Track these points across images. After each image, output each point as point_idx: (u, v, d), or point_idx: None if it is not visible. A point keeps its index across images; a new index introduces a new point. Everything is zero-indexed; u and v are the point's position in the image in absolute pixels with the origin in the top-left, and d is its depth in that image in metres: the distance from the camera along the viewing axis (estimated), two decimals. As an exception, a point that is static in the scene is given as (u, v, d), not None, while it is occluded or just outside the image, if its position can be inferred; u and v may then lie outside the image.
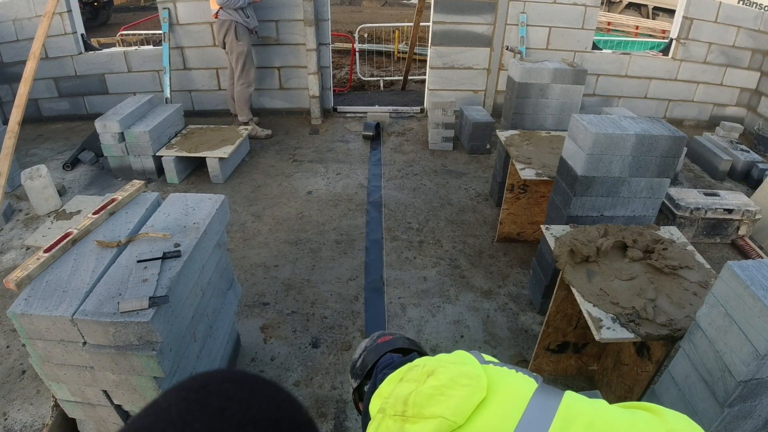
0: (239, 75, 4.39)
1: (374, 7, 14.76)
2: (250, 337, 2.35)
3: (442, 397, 0.80)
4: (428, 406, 0.80)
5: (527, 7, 4.81)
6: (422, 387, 0.83)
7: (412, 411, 0.81)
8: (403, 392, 0.85)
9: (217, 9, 4.14)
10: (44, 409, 1.96)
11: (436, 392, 0.81)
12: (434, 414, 0.78)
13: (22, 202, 3.55)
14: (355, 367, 1.20)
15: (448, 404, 0.79)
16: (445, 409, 0.78)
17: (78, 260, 1.53)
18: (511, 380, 0.86)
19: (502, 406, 0.80)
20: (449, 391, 0.81)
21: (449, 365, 0.87)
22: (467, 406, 0.79)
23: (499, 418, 0.79)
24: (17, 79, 3.39)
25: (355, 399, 1.22)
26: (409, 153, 4.45)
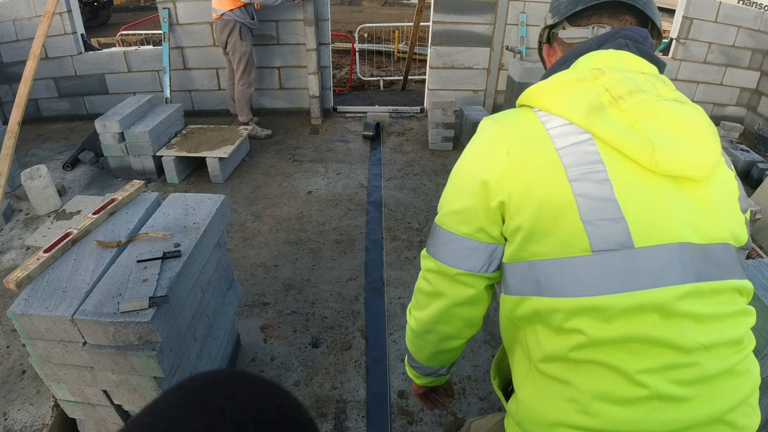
0: (241, 75, 4.38)
1: (374, 7, 14.76)
2: (250, 337, 2.35)
3: (671, 132, 0.76)
4: (650, 121, 0.75)
5: (527, 6, 4.81)
6: (663, 102, 0.76)
7: (629, 107, 0.75)
8: (638, 85, 0.77)
9: (224, 10, 4.11)
10: (44, 409, 1.96)
11: (670, 120, 0.76)
12: (648, 134, 0.75)
13: (22, 202, 3.55)
14: (560, 2, 0.97)
15: (669, 142, 0.75)
16: (662, 142, 0.74)
17: (78, 260, 1.53)
18: (728, 208, 0.82)
19: (699, 212, 0.78)
20: (682, 135, 0.77)
21: (704, 122, 0.80)
22: (680, 165, 0.75)
23: (688, 216, 0.77)
24: (17, 79, 3.39)
25: (543, 37, 1.03)
26: (409, 153, 4.45)
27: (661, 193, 0.72)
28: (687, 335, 0.69)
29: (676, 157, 0.71)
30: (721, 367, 0.70)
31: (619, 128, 0.73)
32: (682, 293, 0.69)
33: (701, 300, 0.70)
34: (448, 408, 1.98)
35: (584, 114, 0.75)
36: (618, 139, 0.72)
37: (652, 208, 0.71)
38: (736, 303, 0.75)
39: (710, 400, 0.70)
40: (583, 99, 0.77)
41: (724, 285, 0.72)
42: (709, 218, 0.73)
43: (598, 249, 0.70)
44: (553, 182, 0.73)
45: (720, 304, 0.72)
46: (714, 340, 0.70)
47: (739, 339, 0.73)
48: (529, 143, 0.78)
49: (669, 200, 0.72)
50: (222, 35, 4.23)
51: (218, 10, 4.15)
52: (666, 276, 0.69)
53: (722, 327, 0.72)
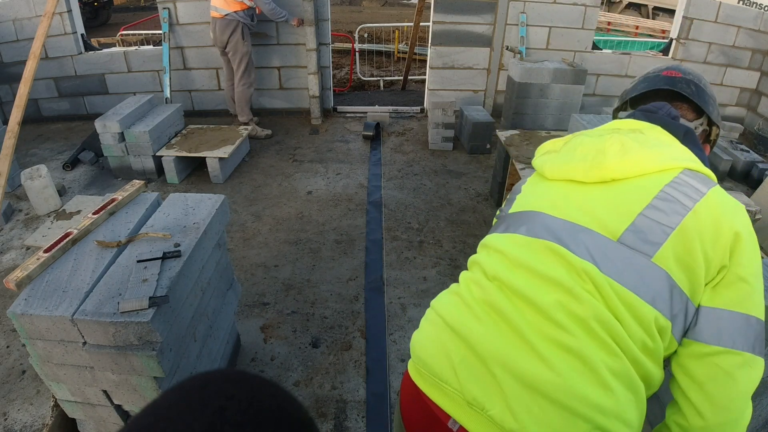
0: (241, 75, 4.39)
1: (374, 7, 14.76)
2: (250, 337, 2.35)
3: (570, 154, 1.03)
4: (564, 154, 1.05)
5: (527, 7, 4.81)
6: (586, 140, 1.02)
7: (562, 151, 1.05)
8: (584, 139, 1.03)
9: (228, 11, 4.11)
10: (44, 409, 1.96)
11: (578, 148, 1.03)
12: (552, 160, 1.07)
13: (22, 202, 3.55)
14: (626, 89, 1.20)
15: (557, 159, 1.06)
16: (550, 160, 1.07)
17: (78, 260, 1.53)
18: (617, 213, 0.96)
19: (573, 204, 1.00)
20: (575, 153, 1.03)
21: (633, 143, 0.97)
22: (558, 174, 1.05)
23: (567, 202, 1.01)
24: (17, 79, 3.39)
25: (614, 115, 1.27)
26: (409, 153, 4.45)
27: (546, 188, 1.02)
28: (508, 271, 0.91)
29: (556, 169, 1.01)
30: (522, 319, 0.84)
31: (545, 161, 1.06)
32: (520, 242, 0.94)
33: (529, 252, 0.91)
34: None
35: (538, 157, 1.10)
36: (539, 167, 1.07)
37: (535, 195, 1.03)
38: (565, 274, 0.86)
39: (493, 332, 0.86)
40: (549, 148, 1.08)
41: (554, 247, 0.88)
42: (580, 208, 0.92)
43: (509, 211, 1.07)
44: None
45: (543, 264, 0.88)
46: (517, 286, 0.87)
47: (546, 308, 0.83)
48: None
49: (549, 192, 1.00)
50: (223, 35, 4.23)
51: (221, 10, 4.14)
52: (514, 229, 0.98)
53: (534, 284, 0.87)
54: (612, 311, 0.80)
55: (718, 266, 0.82)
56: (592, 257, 0.84)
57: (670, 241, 0.82)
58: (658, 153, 0.92)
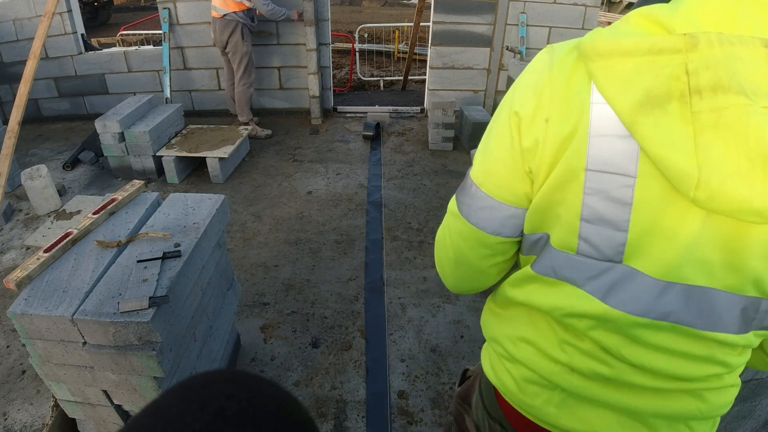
0: (241, 76, 4.39)
1: (374, 7, 14.77)
2: (250, 337, 2.35)
3: (746, 170, 0.52)
4: (720, 145, 0.51)
5: (527, 7, 4.81)
6: (760, 116, 0.49)
7: (706, 117, 0.52)
8: (738, 73, 0.50)
9: (228, 11, 4.11)
10: (44, 409, 1.96)
11: (755, 152, 0.51)
12: (704, 165, 0.52)
13: (22, 202, 3.55)
14: None
15: (727, 183, 0.52)
16: (716, 177, 0.52)
17: (78, 260, 1.53)
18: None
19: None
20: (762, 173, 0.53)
21: None
22: (729, 208, 0.53)
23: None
24: (17, 79, 3.39)
25: None
26: (409, 153, 4.45)
27: (688, 228, 0.58)
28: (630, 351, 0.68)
29: (726, 199, 0.52)
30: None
31: (667, 138, 0.53)
32: (633, 323, 0.65)
33: (663, 335, 0.65)
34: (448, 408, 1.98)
35: (633, 106, 0.54)
36: (657, 150, 0.54)
37: (666, 239, 0.60)
38: (710, 349, 0.67)
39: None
40: (642, 83, 0.54)
41: (701, 334, 0.65)
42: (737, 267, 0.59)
43: (583, 254, 0.65)
44: (569, 169, 0.61)
45: (685, 344, 0.66)
46: (656, 366, 0.68)
47: (689, 377, 0.69)
48: (567, 110, 0.61)
49: (694, 237, 0.58)
50: (223, 35, 4.23)
51: (221, 10, 4.14)
52: (628, 303, 0.64)
53: (673, 360, 0.67)
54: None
55: None
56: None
57: None
58: None
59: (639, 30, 0.58)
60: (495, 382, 0.83)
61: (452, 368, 2.19)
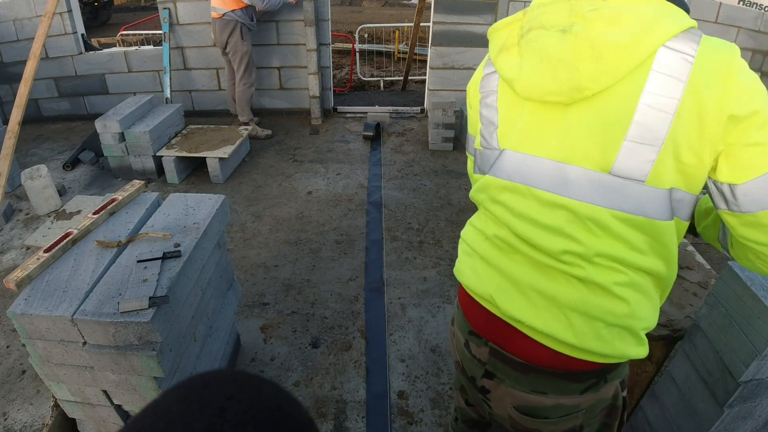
0: (242, 75, 4.39)
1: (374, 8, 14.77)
2: (250, 337, 2.35)
3: (535, 65, 0.87)
4: (525, 56, 0.89)
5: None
6: (545, 35, 0.87)
7: (523, 45, 0.90)
8: (542, 17, 0.89)
9: (226, 10, 4.11)
10: (44, 409, 1.97)
11: (539, 55, 0.87)
12: (516, 67, 0.91)
13: (22, 202, 3.55)
14: None
15: (523, 75, 0.90)
16: (518, 76, 0.90)
17: (78, 260, 1.53)
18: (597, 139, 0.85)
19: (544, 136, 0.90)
20: (543, 67, 0.87)
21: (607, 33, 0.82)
22: (530, 93, 0.88)
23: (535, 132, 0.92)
24: (17, 79, 3.39)
25: None
26: (409, 153, 4.46)
27: (526, 115, 0.90)
28: (500, 217, 0.95)
29: (530, 85, 0.85)
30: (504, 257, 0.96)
31: (506, 64, 0.90)
32: (502, 186, 0.93)
33: (518, 198, 0.91)
34: (448, 408, 1.98)
35: (495, 54, 0.94)
36: (503, 73, 0.91)
37: (515, 126, 0.92)
38: (563, 220, 0.87)
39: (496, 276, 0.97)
40: (500, 41, 0.94)
41: (552, 198, 0.86)
42: (565, 141, 0.84)
43: (483, 147, 0.99)
44: (475, 100, 1.03)
45: (541, 212, 0.88)
46: (520, 231, 0.91)
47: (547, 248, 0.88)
48: (479, 69, 1.05)
49: (531, 121, 0.89)
50: (222, 35, 4.22)
51: (219, 9, 4.14)
52: (501, 172, 0.93)
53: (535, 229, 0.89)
54: (613, 238, 0.84)
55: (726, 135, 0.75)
56: (589, 197, 0.83)
57: (662, 152, 0.77)
58: (632, 39, 0.76)
59: (505, 19, 0.97)
60: (455, 272, 1.08)
61: (452, 368, 2.18)
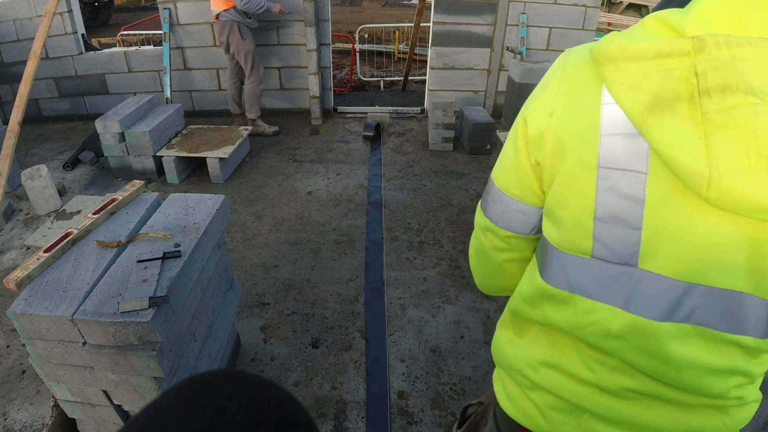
0: (249, 73, 4.41)
1: (374, 8, 14.77)
2: (250, 338, 2.35)
3: (754, 168, 0.52)
4: (728, 141, 0.52)
5: (527, 7, 4.81)
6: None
7: (713, 117, 0.52)
8: (745, 74, 0.51)
9: (219, 10, 4.11)
10: (44, 409, 1.96)
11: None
12: (714, 155, 0.52)
13: (22, 202, 3.55)
14: None
15: (736, 181, 0.52)
16: (723, 174, 0.52)
17: (78, 260, 1.53)
18: None
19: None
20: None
21: None
22: (743, 208, 0.53)
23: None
24: (17, 79, 3.39)
25: None
26: (409, 153, 4.45)
27: (704, 227, 0.57)
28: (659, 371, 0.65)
29: (733, 194, 0.52)
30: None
31: (676, 140, 0.53)
32: (639, 326, 0.63)
33: (672, 340, 0.63)
34: (448, 409, 1.98)
35: (642, 108, 0.56)
36: (668, 151, 0.54)
37: (678, 239, 0.59)
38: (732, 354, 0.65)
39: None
40: (651, 85, 0.55)
41: (725, 337, 0.63)
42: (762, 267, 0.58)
43: (598, 257, 0.64)
44: (579, 167, 0.62)
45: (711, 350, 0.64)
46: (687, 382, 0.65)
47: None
48: (572, 107, 0.64)
49: (712, 237, 0.58)
50: (222, 36, 4.24)
51: (214, 10, 4.16)
52: (636, 304, 0.63)
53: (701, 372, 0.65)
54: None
55: None
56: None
57: None
58: None
59: (652, 33, 0.59)
60: (515, 415, 0.79)
61: (452, 369, 2.18)
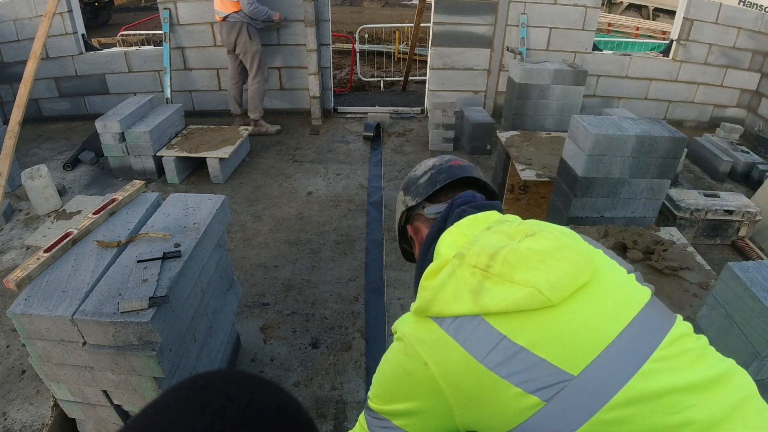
0: (255, 73, 4.42)
1: (375, 8, 14.77)
2: (250, 338, 2.35)
3: (541, 265, 0.70)
4: (521, 269, 0.70)
5: (528, 8, 4.81)
6: (519, 246, 0.74)
7: (500, 269, 0.72)
8: (492, 244, 0.75)
9: (228, 13, 4.12)
10: (44, 409, 1.96)
11: (534, 257, 0.72)
12: (527, 281, 0.68)
13: (22, 202, 3.55)
14: (417, 184, 1.06)
15: (546, 275, 0.69)
16: (542, 280, 0.68)
17: (78, 260, 1.53)
18: (622, 280, 0.76)
19: (606, 304, 0.70)
20: (550, 261, 0.71)
21: (555, 232, 0.77)
22: (567, 286, 0.69)
23: (599, 317, 0.69)
24: (18, 79, 3.39)
25: (402, 220, 1.11)
26: (409, 154, 4.45)
27: (567, 318, 0.69)
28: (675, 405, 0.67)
29: (561, 283, 0.69)
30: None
31: (503, 295, 0.70)
32: (647, 371, 0.66)
33: (671, 361, 0.68)
34: None
35: (472, 302, 0.72)
36: (506, 305, 0.69)
37: (568, 337, 0.68)
38: (697, 340, 0.75)
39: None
40: (463, 289, 0.74)
41: (674, 332, 0.72)
42: (619, 298, 0.72)
43: (545, 399, 0.66)
44: (475, 375, 0.70)
45: (684, 348, 0.72)
46: (702, 381, 0.69)
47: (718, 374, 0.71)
48: (441, 351, 0.74)
49: (579, 319, 0.69)
50: (230, 37, 4.24)
51: (221, 12, 4.16)
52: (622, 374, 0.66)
53: (700, 366, 0.71)
54: None
55: None
56: None
57: None
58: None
59: (439, 278, 0.79)
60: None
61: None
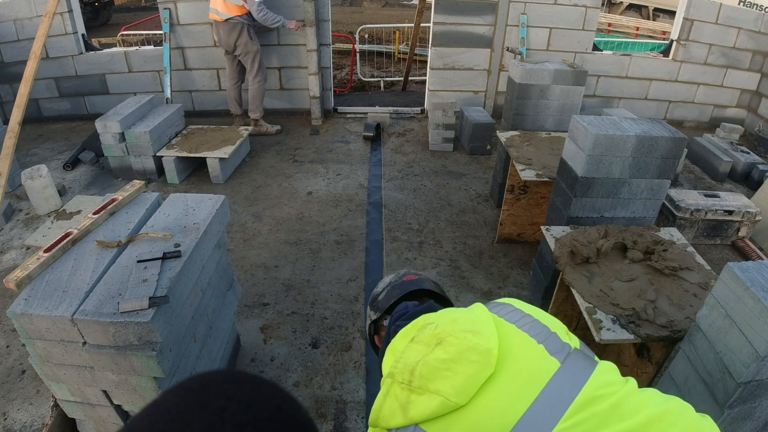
0: (255, 73, 4.44)
1: (375, 8, 14.77)
2: (250, 338, 2.35)
3: (448, 373, 0.78)
4: (433, 380, 0.78)
5: (528, 8, 4.81)
6: (429, 357, 0.81)
7: (418, 382, 0.79)
8: (411, 359, 0.83)
9: (231, 15, 4.14)
10: (44, 409, 1.96)
11: (441, 366, 0.79)
12: (438, 391, 0.76)
13: (22, 201, 3.55)
14: (377, 300, 1.20)
15: (452, 382, 0.77)
16: (449, 388, 0.76)
17: (78, 260, 1.53)
18: (529, 357, 0.82)
19: (513, 386, 0.77)
20: (455, 367, 0.78)
21: (460, 334, 0.83)
22: (471, 387, 0.76)
23: (506, 401, 0.76)
24: (18, 79, 3.39)
25: (371, 332, 1.24)
26: (409, 154, 4.45)
27: (477, 412, 0.76)
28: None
29: (465, 386, 0.77)
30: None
31: (424, 406, 0.77)
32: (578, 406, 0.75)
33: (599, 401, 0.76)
34: None
35: (403, 416, 0.79)
36: (428, 414, 0.77)
37: (481, 428, 0.75)
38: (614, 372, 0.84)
39: None
40: (395, 406, 0.81)
41: (584, 393, 0.77)
42: (526, 377, 0.79)
43: None
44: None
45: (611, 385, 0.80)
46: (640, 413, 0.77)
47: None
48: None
49: (486, 410, 0.76)
50: (230, 39, 4.25)
51: (222, 14, 4.17)
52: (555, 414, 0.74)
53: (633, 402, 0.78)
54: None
55: None
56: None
57: None
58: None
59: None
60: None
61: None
